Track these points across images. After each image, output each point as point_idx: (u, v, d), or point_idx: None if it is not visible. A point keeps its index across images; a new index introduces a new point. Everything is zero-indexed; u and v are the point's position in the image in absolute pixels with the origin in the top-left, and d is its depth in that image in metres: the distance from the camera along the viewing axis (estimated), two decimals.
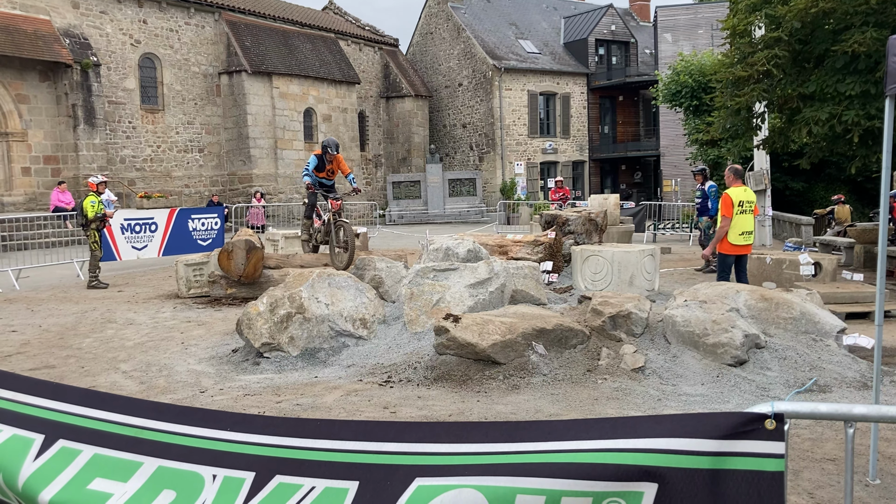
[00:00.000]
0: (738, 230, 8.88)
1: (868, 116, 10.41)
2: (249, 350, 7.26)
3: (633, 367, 6.31)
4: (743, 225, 8.90)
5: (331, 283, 7.69)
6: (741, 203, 8.90)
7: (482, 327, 6.40)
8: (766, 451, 1.73)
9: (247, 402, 5.91)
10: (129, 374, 6.94)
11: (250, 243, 10.65)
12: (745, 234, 8.91)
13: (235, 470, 1.97)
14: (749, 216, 8.93)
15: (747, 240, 8.92)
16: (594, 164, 41.45)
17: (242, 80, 28.68)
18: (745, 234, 8.91)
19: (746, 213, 8.88)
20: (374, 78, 37.29)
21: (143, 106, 27.07)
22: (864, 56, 10.33)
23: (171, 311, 10.35)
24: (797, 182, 25.35)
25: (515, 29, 41.03)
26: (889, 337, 8.11)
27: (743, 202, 8.93)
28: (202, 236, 16.23)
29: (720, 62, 13.89)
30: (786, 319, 6.87)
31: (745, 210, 8.90)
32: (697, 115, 26.18)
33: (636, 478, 1.71)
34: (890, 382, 6.21)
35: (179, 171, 28.21)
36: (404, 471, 1.86)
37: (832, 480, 4.16)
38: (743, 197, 8.94)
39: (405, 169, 36.92)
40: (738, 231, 8.91)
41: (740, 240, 8.87)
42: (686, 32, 34.45)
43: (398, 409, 5.58)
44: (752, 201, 8.95)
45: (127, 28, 26.44)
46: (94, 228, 12.79)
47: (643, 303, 7.07)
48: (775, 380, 6.10)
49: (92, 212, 12.75)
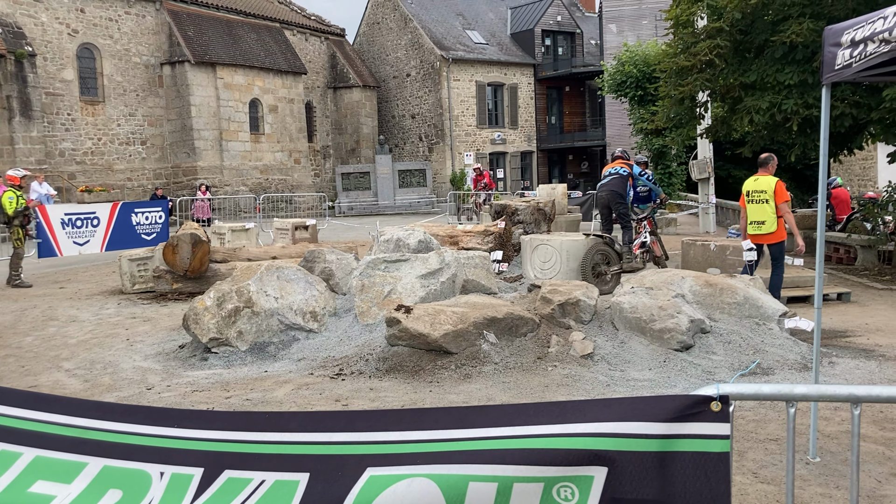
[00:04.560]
0: (750, 219, 8.76)
1: (806, 105, 10.71)
2: (197, 345, 7.14)
3: (582, 354, 6.39)
4: (753, 214, 8.69)
5: (280, 276, 7.61)
6: (748, 193, 8.74)
7: (434, 318, 6.40)
8: (711, 433, 1.77)
9: (195, 398, 5.82)
10: (73, 373, 6.77)
11: (196, 237, 10.47)
12: (755, 223, 8.67)
13: (183, 466, 1.93)
14: (759, 206, 8.61)
15: (758, 229, 8.65)
16: (542, 154, 41.77)
17: (185, 70, 28.08)
18: (755, 223, 8.67)
19: (754, 202, 8.65)
20: (320, 68, 36.91)
21: (82, 97, 26.31)
22: (801, 46, 10.61)
23: (115, 308, 10.12)
24: (740, 170, 25.88)
25: (462, 19, 41.02)
26: (828, 319, 8.37)
27: (751, 192, 8.73)
28: (146, 230, 15.89)
29: (664, 52, 14.11)
30: (730, 304, 7.03)
31: (754, 200, 8.67)
32: (642, 105, 26.57)
33: (586, 462, 1.73)
34: (829, 363, 6.41)
35: (122, 164, 27.53)
36: (355, 461, 1.85)
37: (775, 460, 4.28)
38: (751, 187, 8.74)
39: (354, 160, 36.65)
40: (749, 220, 8.78)
41: (752, 229, 8.71)
42: (631, 23, 34.86)
43: (350, 402, 5.56)
44: (762, 190, 8.59)
45: (63, 17, 25.64)
46: (17, 225, 12.28)
47: (591, 290, 7.16)
48: (720, 363, 6.25)
49: (11, 208, 12.13)
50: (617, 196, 10.95)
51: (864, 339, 7.51)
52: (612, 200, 11.00)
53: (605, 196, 11.08)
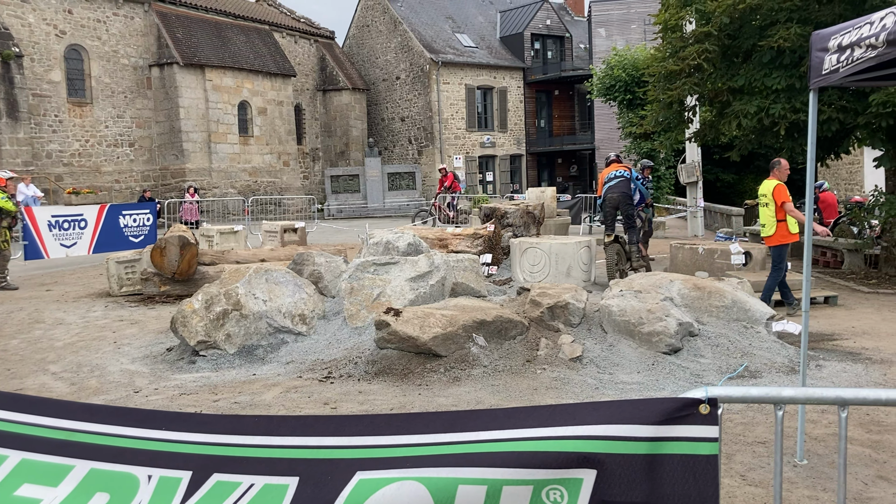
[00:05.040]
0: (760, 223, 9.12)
1: (793, 109, 10.77)
2: (185, 348, 7.11)
3: (571, 357, 6.40)
4: (760, 218, 9.09)
5: (268, 278, 7.59)
6: (757, 197, 9.17)
7: (423, 320, 6.40)
8: (700, 435, 1.77)
9: (183, 401, 5.79)
10: (59, 376, 6.72)
11: (184, 239, 10.43)
12: (760, 226, 9.09)
13: (171, 469, 1.92)
14: (761, 209, 8.98)
15: (761, 232, 9.12)
16: (531, 157, 41.85)
17: (174, 72, 27.97)
18: (760, 226, 9.09)
19: (760, 206, 9.03)
20: (310, 71, 36.86)
21: (69, 99, 26.17)
22: (789, 51, 10.67)
23: (102, 310, 10.06)
24: (728, 174, 26.07)
25: (452, 23, 41.08)
26: (815, 323, 8.42)
27: (758, 196, 9.14)
28: (134, 233, 15.81)
29: (653, 57, 14.16)
30: (718, 308, 7.06)
31: (759, 203, 9.06)
32: (631, 109, 26.68)
33: (575, 464, 1.73)
34: (816, 366, 6.45)
35: (109, 166, 27.39)
36: (345, 465, 1.84)
37: (763, 462, 4.30)
38: (760, 191, 9.08)
39: (343, 163, 36.60)
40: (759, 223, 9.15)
41: (761, 231, 9.14)
42: (619, 27, 35.01)
43: (339, 405, 5.55)
44: (763, 194, 8.93)
45: (51, 18, 25.51)
46: (4, 227, 12.17)
47: (580, 293, 7.18)
48: (709, 366, 6.27)
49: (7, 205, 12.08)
50: (626, 198, 11.37)
51: (851, 343, 7.56)
52: (621, 202, 11.36)
53: (616, 198, 11.39)
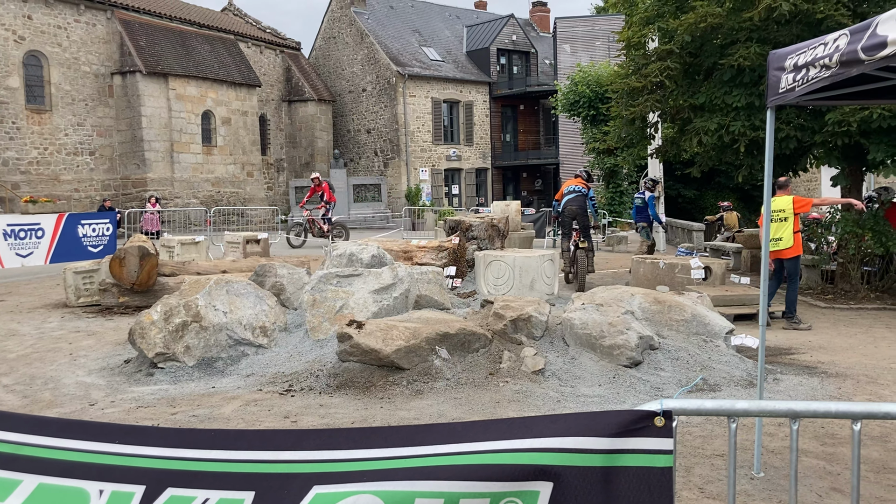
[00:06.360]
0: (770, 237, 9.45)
1: (753, 127, 10.97)
2: (143, 360, 6.99)
3: (533, 370, 6.43)
4: (773, 232, 9.52)
5: (229, 290, 7.50)
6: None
7: (386, 333, 6.37)
8: (655, 448, 1.79)
9: (140, 414, 5.69)
10: (11, 388, 6.56)
11: (144, 249, 10.28)
12: (774, 240, 9.56)
13: (124, 484, 1.89)
14: (778, 224, 9.63)
15: (776, 245, 9.61)
16: (497, 171, 42.09)
17: (137, 80, 27.63)
18: (774, 240, 9.56)
19: (774, 221, 9.57)
20: (275, 81, 36.68)
21: (28, 106, 25.70)
22: (748, 70, 10.89)
23: (58, 321, 9.86)
24: (689, 190, 26.44)
25: (419, 36, 41.23)
26: (772, 337, 8.56)
27: (772, 212, 9.53)
28: (93, 243, 15.53)
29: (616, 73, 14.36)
30: (678, 321, 7.14)
31: (773, 219, 9.53)
32: (595, 125, 26.99)
33: (532, 477, 1.74)
34: (773, 380, 6.55)
35: (69, 175, 26.92)
36: (302, 479, 1.83)
37: (721, 475, 4.34)
38: (776, 207, 9.59)
39: (308, 174, 36.38)
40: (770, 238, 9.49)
41: (772, 245, 9.51)
42: (584, 44, 35.43)
43: (299, 418, 5.49)
44: (780, 209, 9.61)
45: (10, 24, 25.07)
46: None
47: (543, 306, 7.21)
48: (668, 380, 6.34)
49: None
50: (583, 211, 12.60)
51: (808, 357, 7.70)
52: (578, 215, 12.57)
53: (574, 210, 12.62)
